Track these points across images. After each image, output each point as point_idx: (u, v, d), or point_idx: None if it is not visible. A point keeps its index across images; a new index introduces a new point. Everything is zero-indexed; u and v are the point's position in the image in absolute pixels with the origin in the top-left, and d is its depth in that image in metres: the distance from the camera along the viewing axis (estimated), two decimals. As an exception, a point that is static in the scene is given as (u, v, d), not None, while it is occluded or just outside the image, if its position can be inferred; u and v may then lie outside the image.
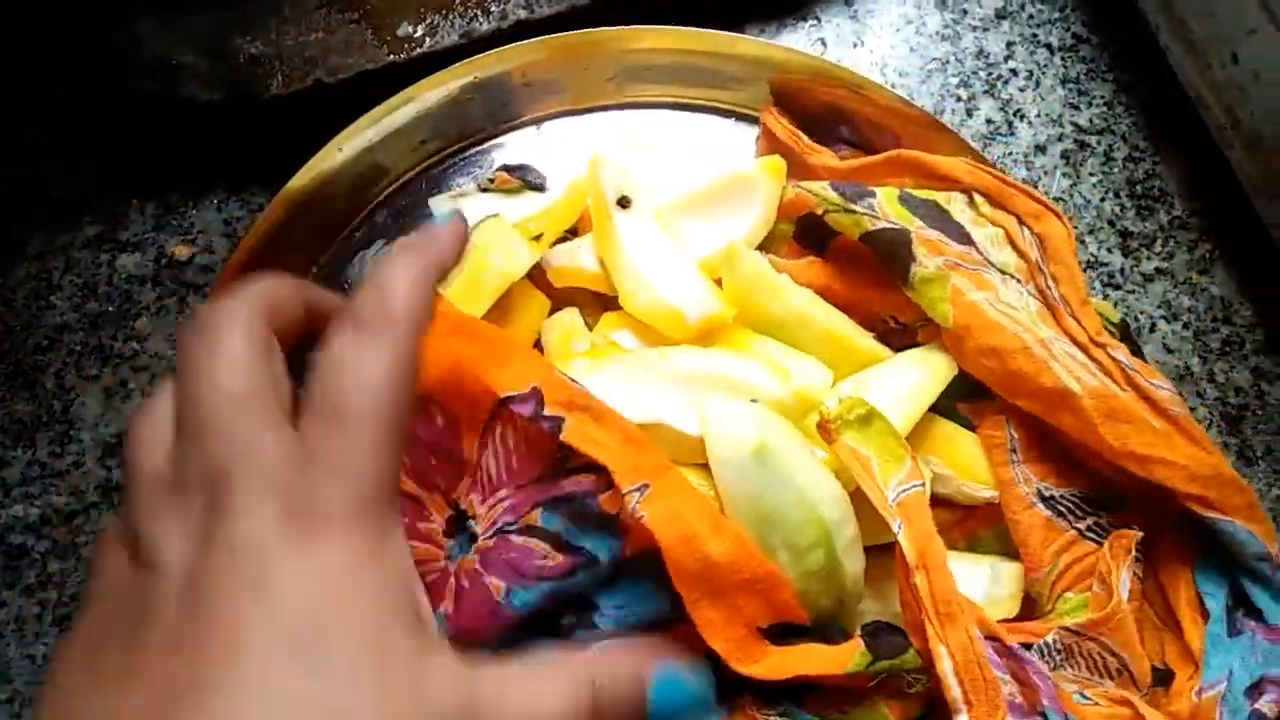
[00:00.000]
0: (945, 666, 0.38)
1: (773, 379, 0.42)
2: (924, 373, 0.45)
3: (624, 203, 0.50)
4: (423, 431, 0.41)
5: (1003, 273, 0.45)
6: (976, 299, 0.44)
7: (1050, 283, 0.44)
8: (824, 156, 0.51)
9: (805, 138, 0.52)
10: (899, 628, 0.40)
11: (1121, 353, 0.43)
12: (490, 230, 0.48)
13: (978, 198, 0.47)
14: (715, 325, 0.46)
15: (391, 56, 0.54)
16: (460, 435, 0.41)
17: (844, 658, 0.38)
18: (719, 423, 0.39)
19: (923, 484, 0.41)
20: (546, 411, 0.38)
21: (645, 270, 0.48)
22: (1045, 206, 0.46)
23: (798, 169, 0.52)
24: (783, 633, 0.39)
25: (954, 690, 0.38)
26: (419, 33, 0.54)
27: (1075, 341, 0.43)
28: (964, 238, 0.46)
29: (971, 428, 0.47)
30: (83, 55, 0.55)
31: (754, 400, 0.41)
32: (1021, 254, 0.45)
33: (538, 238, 0.51)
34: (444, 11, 0.54)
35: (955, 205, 0.47)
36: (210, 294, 0.51)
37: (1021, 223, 0.46)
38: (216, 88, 0.53)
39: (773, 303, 0.46)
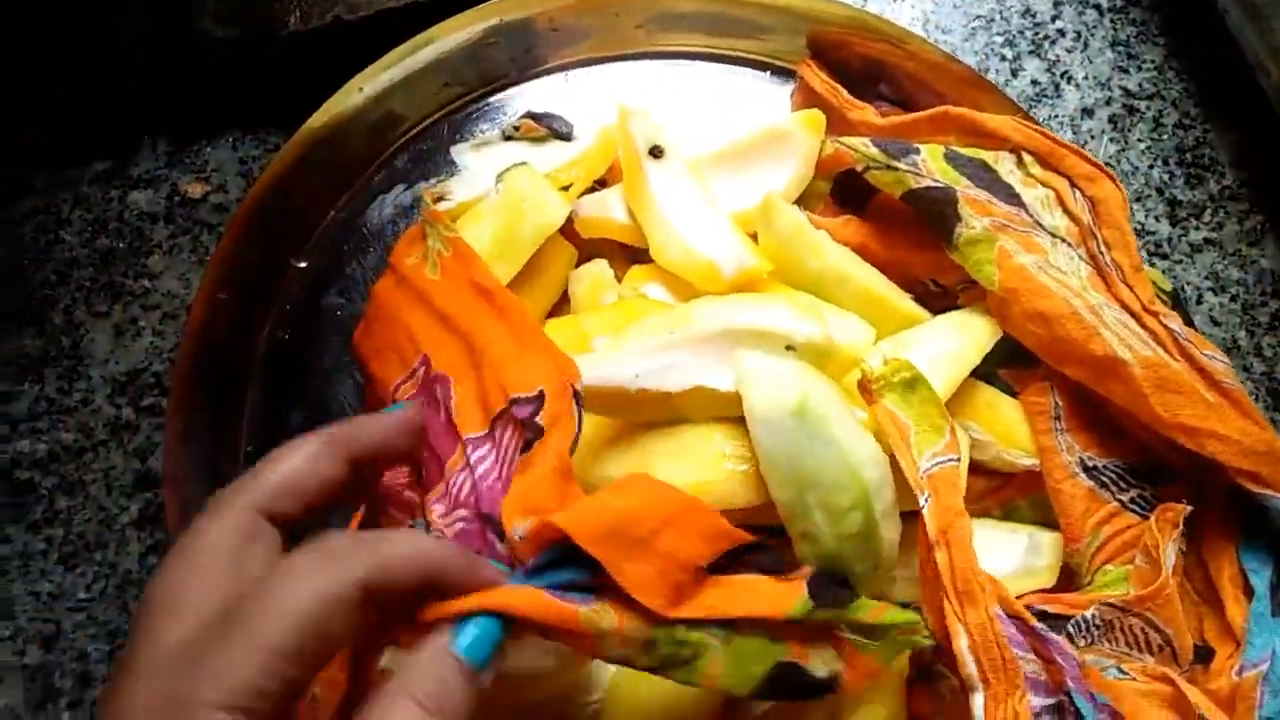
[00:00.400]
0: (961, 644, 0.37)
1: (809, 323, 0.40)
2: (966, 336, 0.44)
3: (656, 152, 0.48)
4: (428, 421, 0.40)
5: (1053, 236, 0.43)
6: (1025, 262, 0.42)
7: (1103, 248, 0.43)
8: (865, 112, 0.49)
9: (845, 92, 0.50)
10: (846, 581, 0.39)
11: (1175, 322, 0.41)
12: (521, 179, 0.46)
13: (1027, 158, 0.45)
14: (751, 280, 0.44)
15: (415, -6, 0.52)
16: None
17: (786, 602, 0.36)
18: (758, 380, 0.38)
19: (957, 458, 0.40)
20: (538, 419, 0.37)
21: (678, 222, 0.46)
22: (1099, 169, 0.44)
23: (836, 125, 0.50)
24: (731, 559, 0.36)
25: (969, 668, 0.37)
26: (444, -31, 0.52)
27: (1127, 309, 0.42)
28: (1013, 198, 0.44)
29: (1013, 394, 0.45)
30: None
31: (790, 347, 0.39)
32: (1073, 217, 0.44)
33: (566, 188, 0.49)
34: (471, -51, 0.52)
35: (1003, 165, 0.45)
36: (224, 234, 0.49)
37: (1073, 185, 0.44)
38: (232, 23, 0.52)
39: (810, 259, 0.44)
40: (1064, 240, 0.43)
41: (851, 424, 0.38)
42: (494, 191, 0.47)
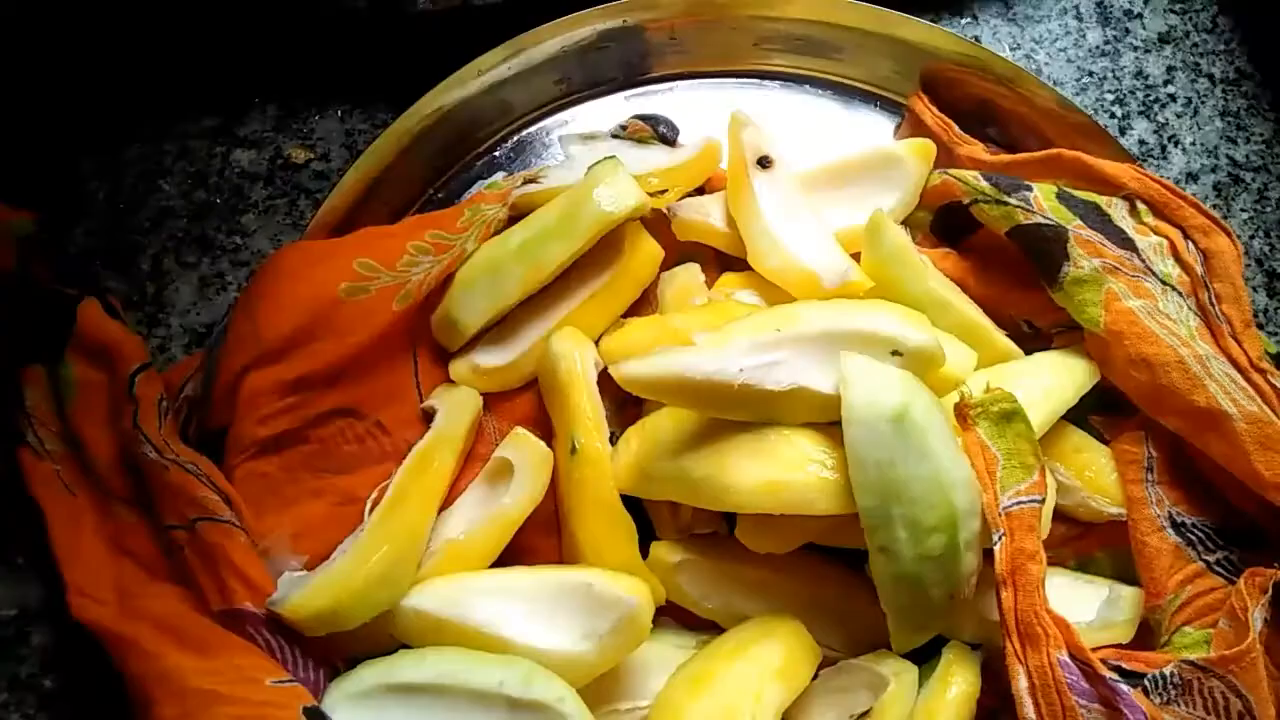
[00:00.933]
0: (1021, 685, 0.37)
1: (919, 330, 0.39)
2: (1064, 376, 0.43)
3: (764, 162, 0.48)
4: None
5: (1164, 283, 0.43)
6: (1133, 305, 0.42)
7: (1213, 299, 0.42)
8: (974, 149, 0.49)
9: (956, 127, 0.50)
10: None
11: None
12: (603, 169, 0.46)
13: (1141, 206, 0.45)
14: (851, 294, 0.44)
15: (541, -13, 0.53)
16: None
17: None
18: (861, 382, 0.37)
19: (1042, 499, 0.39)
20: None
21: (780, 231, 0.46)
22: (1215, 222, 0.43)
23: (943, 160, 0.50)
24: None
25: (1028, 710, 0.37)
26: (572, -33, 0.53)
27: (1235, 363, 0.41)
28: (1125, 243, 0.43)
29: (1104, 441, 0.44)
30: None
31: (896, 353, 0.39)
32: (1185, 267, 0.43)
33: (661, 193, 0.49)
34: (601, -49, 0.53)
35: (1116, 210, 0.45)
36: (324, 202, 0.50)
37: (1187, 236, 0.44)
38: (363, -6, 0.53)
39: (912, 281, 0.44)
40: (1174, 289, 0.43)
41: (951, 443, 0.38)
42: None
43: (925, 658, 0.41)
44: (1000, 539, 0.38)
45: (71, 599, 0.40)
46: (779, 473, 0.39)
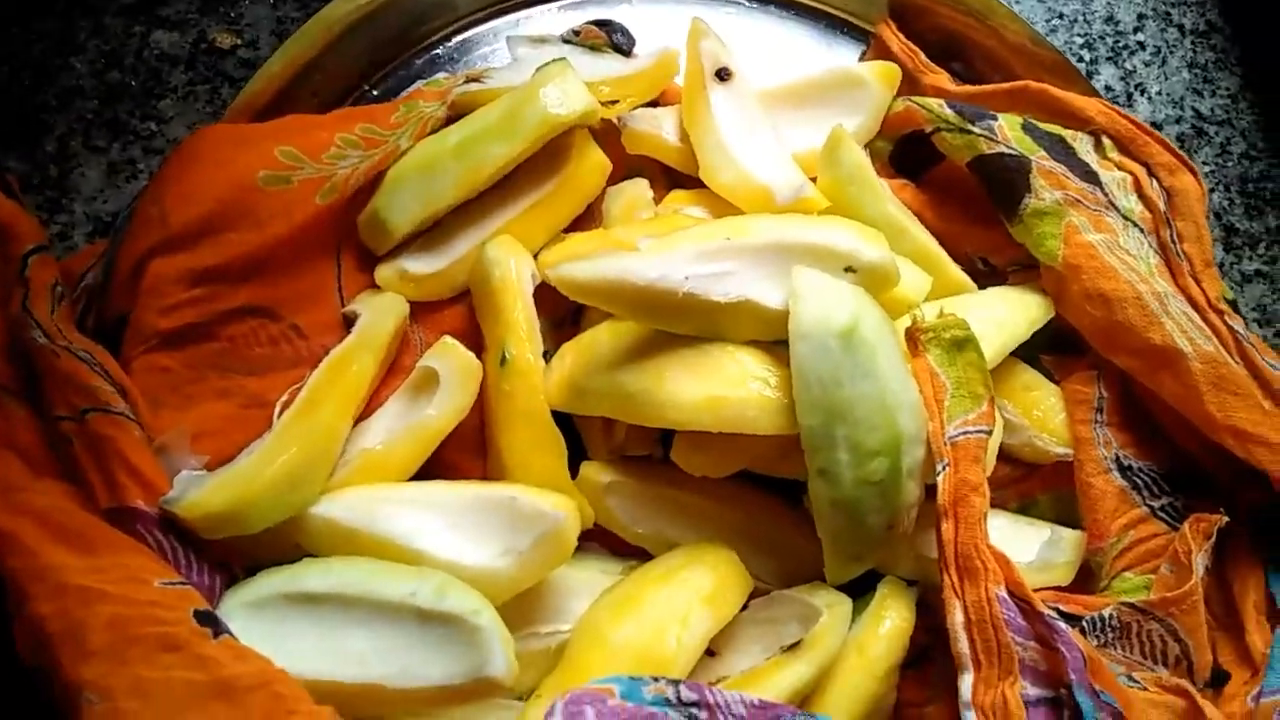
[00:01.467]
0: (956, 620, 0.35)
1: (874, 247, 0.37)
2: (1017, 309, 0.41)
3: (723, 75, 0.46)
4: None
5: (1125, 219, 0.41)
6: (1093, 239, 0.40)
7: (1175, 238, 0.41)
8: (940, 78, 0.47)
9: (922, 55, 0.48)
10: None
11: (1239, 324, 0.39)
12: (551, 70, 0.43)
13: (1106, 141, 0.43)
14: (804, 212, 0.41)
15: (495, -128, 0.49)
16: None
17: None
18: (811, 296, 0.35)
19: (989, 430, 0.38)
20: None
21: (735, 146, 0.43)
22: (1181, 161, 0.42)
23: (906, 90, 0.48)
24: None
25: (962, 645, 0.35)
26: None
27: (1193, 302, 0.40)
28: (1088, 176, 0.42)
29: (1054, 381, 0.43)
30: None
31: (850, 269, 0.37)
32: (1148, 203, 0.42)
33: (612, 104, 0.46)
34: None
35: (1081, 144, 0.43)
36: (246, 88, 0.46)
37: (1152, 173, 0.42)
38: None
39: (870, 203, 0.42)
40: (1136, 225, 0.41)
41: (899, 364, 0.36)
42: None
43: (859, 593, 0.39)
44: (944, 469, 0.37)
45: None
46: (720, 388, 0.37)
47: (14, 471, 0.37)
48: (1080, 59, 0.53)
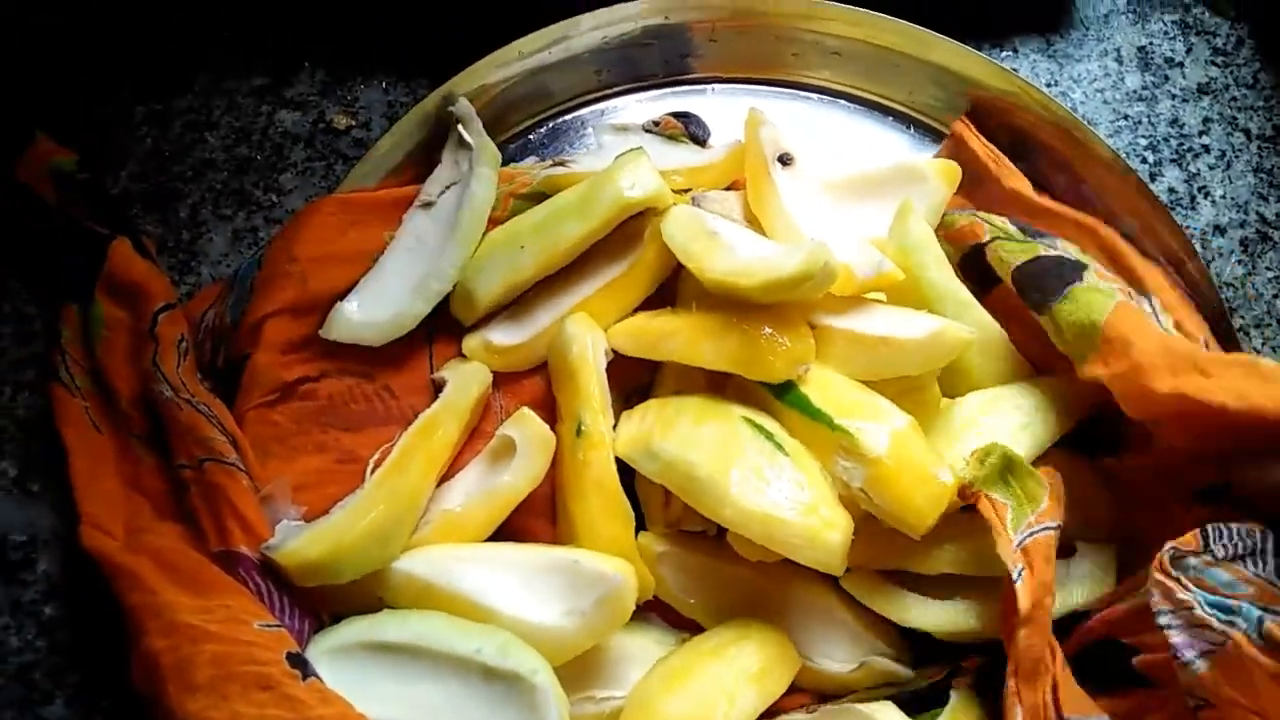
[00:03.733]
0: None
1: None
2: (1053, 400, 0.43)
3: (785, 159, 0.48)
4: None
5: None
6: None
7: None
8: (1022, 183, 0.49)
9: (1005, 159, 0.50)
10: None
11: None
12: (627, 157, 0.47)
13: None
14: (883, 286, 0.44)
15: (591, -22, 0.54)
16: None
17: None
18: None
19: (1057, 526, 0.39)
20: None
21: (805, 227, 0.46)
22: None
23: (984, 194, 0.50)
24: None
25: None
26: (626, -40, 0.54)
27: None
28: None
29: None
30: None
31: None
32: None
33: (685, 192, 0.50)
34: (652, -52, 0.54)
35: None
36: (354, 168, 0.51)
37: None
38: (417, -31, 0.54)
39: (936, 269, 0.45)
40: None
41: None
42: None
43: (926, 707, 0.41)
44: (1021, 574, 0.38)
45: (83, 529, 0.42)
46: (782, 509, 0.39)
47: (142, 514, 0.42)
48: (1144, 160, 0.55)
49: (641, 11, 0.52)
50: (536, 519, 0.45)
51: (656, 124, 0.53)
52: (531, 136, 0.55)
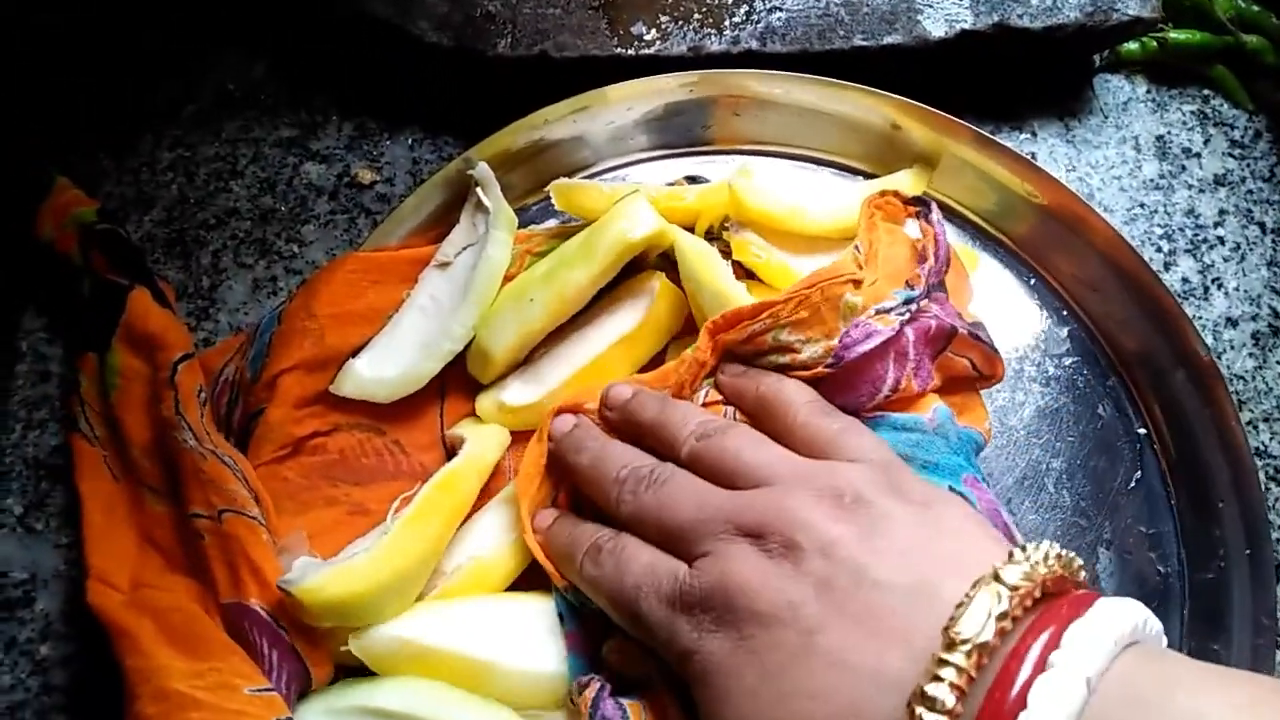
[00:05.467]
0: None
1: None
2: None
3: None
4: None
5: None
6: None
7: None
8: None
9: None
10: None
11: None
12: (626, 201, 0.47)
13: None
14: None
15: (619, 50, 0.55)
16: None
17: None
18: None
19: None
20: None
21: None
22: None
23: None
24: None
25: None
26: (650, 35, 0.55)
27: None
28: None
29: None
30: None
31: None
32: None
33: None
34: (679, 22, 0.55)
35: None
36: (380, 224, 0.52)
37: None
38: (447, 32, 0.55)
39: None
40: None
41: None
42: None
43: None
44: None
45: (90, 584, 0.42)
46: None
47: (150, 567, 0.42)
48: (1159, 249, 0.55)
49: (666, 88, 0.53)
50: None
51: (671, 185, 0.54)
52: (553, 200, 0.55)
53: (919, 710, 0.28)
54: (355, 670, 0.42)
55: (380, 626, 0.41)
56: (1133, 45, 0.59)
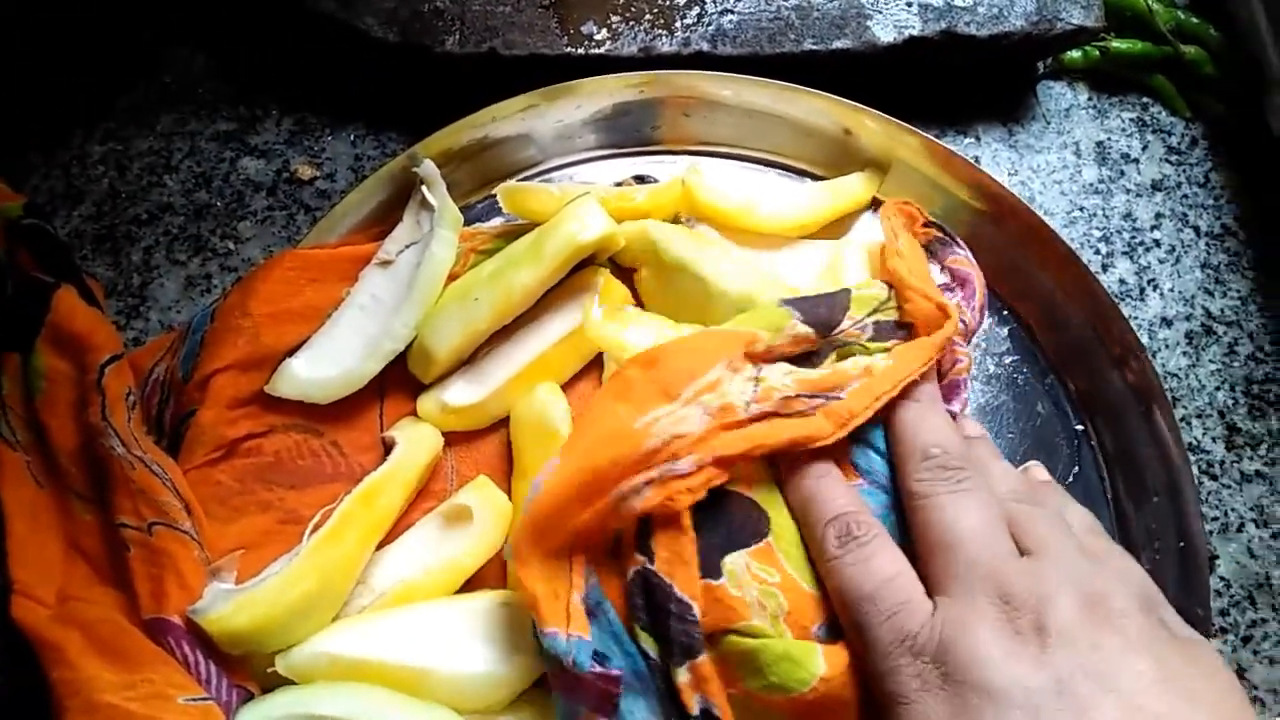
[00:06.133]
0: None
1: None
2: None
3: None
4: None
5: None
6: None
7: None
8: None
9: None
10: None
11: None
12: (576, 202, 0.47)
13: None
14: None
15: (569, 49, 0.54)
16: None
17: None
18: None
19: None
20: None
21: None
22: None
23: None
24: None
25: None
26: (601, 35, 0.55)
27: None
28: None
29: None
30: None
31: None
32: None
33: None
34: (630, 22, 0.55)
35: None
36: (317, 220, 0.50)
37: None
38: (394, 28, 0.54)
39: None
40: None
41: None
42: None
43: None
44: None
45: (14, 598, 0.40)
46: None
47: (77, 578, 0.40)
48: (1097, 251, 0.56)
49: (615, 87, 0.53)
50: (486, 581, 0.44)
51: (619, 185, 0.53)
52: (499, 198, 0.55)
53: None
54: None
55: (305, 645, 0.40)
56: (1075, 54, 0.60)
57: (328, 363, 0.46)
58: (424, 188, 0.49)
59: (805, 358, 0.42)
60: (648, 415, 0.38)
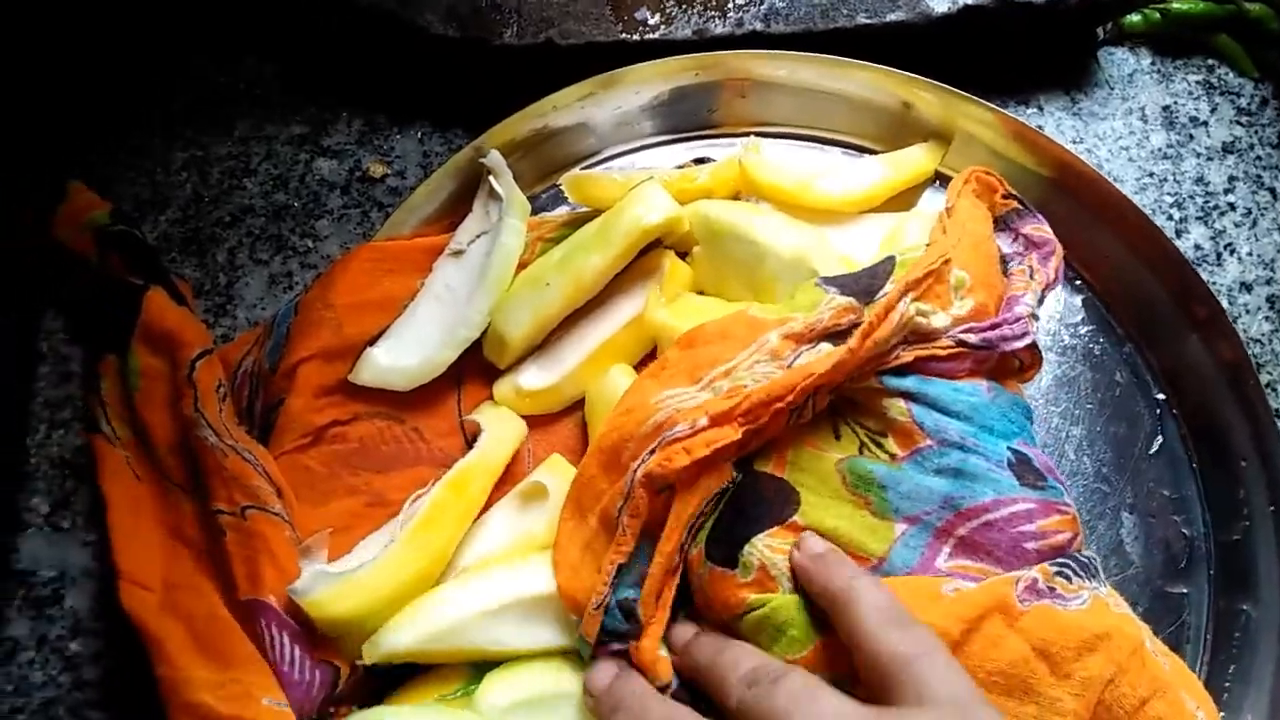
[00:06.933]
0: None
1: None
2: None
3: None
4: None
5: None
6: None
7: None
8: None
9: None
10: None
11: None
12: (641, 186, 0.48)
13: None
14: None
15: (624, 35, 0.55)
16: None
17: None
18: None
19: None
20: None
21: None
22: None
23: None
24: None
25: None
26: (655, 20, 0.55)
27: None
28: None
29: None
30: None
31: None
32: None
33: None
34: (683, 5, 0.55)
35: None
36: (390, 216, 0.52)
37: None
38: (453, 23, 0.55)
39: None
40: None
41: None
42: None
43: None
44: None
45: (122, 586, 0.42)
46: None
47: (181, 565, 0.42)
48: (1170, 217, 0.55)
49: (672, 71, 0.53)
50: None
51: (680, 169, 0.54)
52: (563, 187, 0.56)
53: None
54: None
55: (387, 633, 0.41)
56: (1135, 17, 0.59)
57: (407, 351, 0.47)
58: (491, 178, 0.50)
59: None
60: (664, 393, 0.40)
